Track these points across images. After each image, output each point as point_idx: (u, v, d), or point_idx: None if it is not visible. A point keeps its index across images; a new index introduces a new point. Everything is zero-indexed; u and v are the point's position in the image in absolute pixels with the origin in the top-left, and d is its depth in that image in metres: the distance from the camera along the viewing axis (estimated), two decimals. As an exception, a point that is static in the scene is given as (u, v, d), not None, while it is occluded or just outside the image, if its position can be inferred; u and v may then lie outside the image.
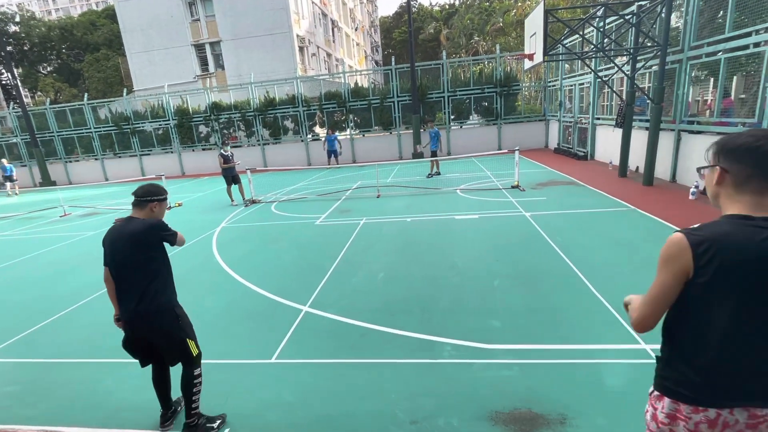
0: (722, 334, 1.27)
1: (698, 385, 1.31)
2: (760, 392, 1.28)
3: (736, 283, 1.22)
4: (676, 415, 1.35)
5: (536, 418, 2.64)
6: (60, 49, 38.21)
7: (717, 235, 1.24)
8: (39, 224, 11.05)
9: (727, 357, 1.28)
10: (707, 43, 8.24)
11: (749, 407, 1.28)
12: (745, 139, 1.25)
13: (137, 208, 2.62)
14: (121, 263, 2.54)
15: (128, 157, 21.73)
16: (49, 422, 3.05)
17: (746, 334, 1.25)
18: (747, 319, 1.24)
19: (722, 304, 1.25)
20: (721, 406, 1.29)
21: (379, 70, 26.20)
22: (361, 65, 45.37)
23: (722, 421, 1.29)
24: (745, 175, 1.25)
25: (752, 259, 1.21)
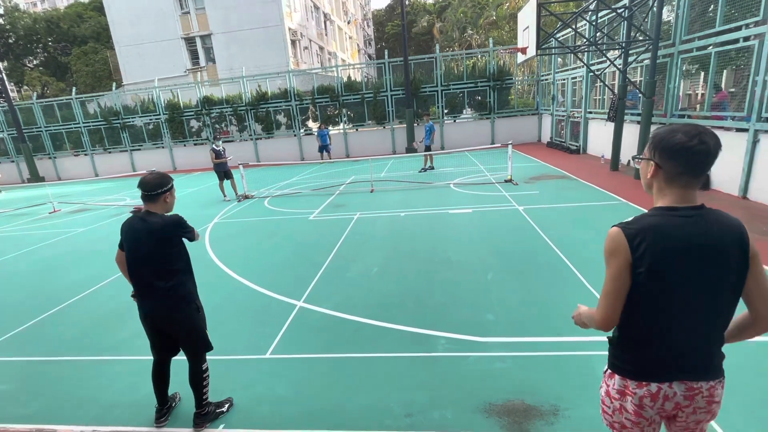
0: (659, 316, 1.40)
1: (641, 362, 1.45)
2: (694, 367, 1.44)
3: (669, 270, 1.34)
4: (624, 391, 1.48)
5: (529, 410, 2.68)
6: (46, 42, 37.41)
7: (648, 227, 1.35)
8: (28, 221, 10.89)
9: (664, 336, 1.41)
10: (698, 37, 8.29)
11: (686, 381, 1.43)
12: (679, 138, 1.32)
13: (150, 202, 2.61)
14: (143, 258, 2.58)
15: (118, 152, 21.44)
16: (43, 420, 3.03)
17: (679, 315, 1.38)
18: (679, 301, 1.37)
19: (658, 289, 1.36)
20: (660, 381, 1.43)
21: (372, 63, 26.08)
22: (354, 59, 45.07)
23: (662, 394, 1.43)
24: (676, 171, 1.35)
25: (681, 246, 1.33)
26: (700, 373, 1.44)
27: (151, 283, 2.59)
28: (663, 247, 1.33)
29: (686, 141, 1.30)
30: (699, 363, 1.44)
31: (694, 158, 1.31)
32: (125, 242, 2.67)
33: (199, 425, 2.76)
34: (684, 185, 1.36)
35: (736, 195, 7.30)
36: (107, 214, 10.84)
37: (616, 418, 1.54)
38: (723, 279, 1.35)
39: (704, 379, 1.44)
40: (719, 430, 2.39)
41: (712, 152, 1.32)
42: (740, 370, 2.88)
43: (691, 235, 1.32)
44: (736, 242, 1.34)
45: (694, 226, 1.33)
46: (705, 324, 1.40)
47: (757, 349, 3.10)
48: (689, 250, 1.32)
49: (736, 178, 7.30)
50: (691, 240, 1.32)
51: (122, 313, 4.73)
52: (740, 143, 7.19)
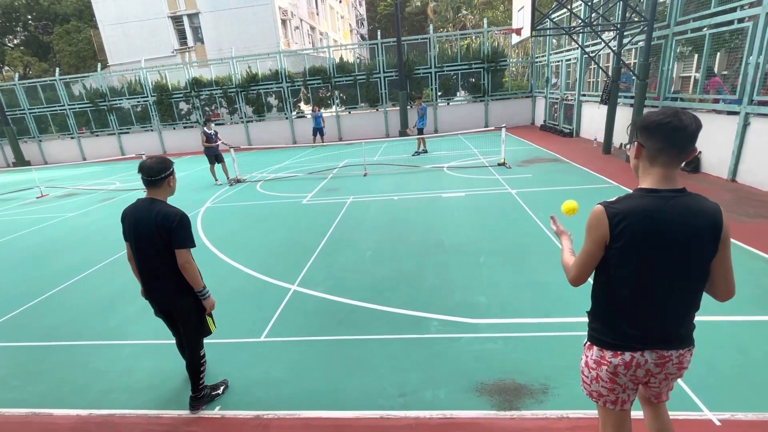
0: (633, 290, 1.52)
1: (617, 334, 1.58)
2: (665, 338, 1.56)
3: (644, 248, 1.45)
4: (601, 360, 1.62)
5: (520, 389, 2.74)
6: (26, 19, 36.06)
7: (629, 208, 1.47)
8: (15, 206, 10.70)
9: (637, 309, 1.54)
10: (693, 18, 8.23)
11: (657, 350, 1.56)
12: (656, 117, 1.42)
13: (153, 187, 2.55)
14: (146, 247, 2.55)
15: (106, 135, 21.00)
16: (38, 405, 3.04)
17: (651, 289, 1.50)
18: (653, 278, 1.49)
19: (633, 265, 1.49)
20: (633, 350, 1.56)
21: (364, 44, 25.57)
22: (346, 39, 44.17)
23: (635, 362, 1.57)
24: (656, 149, 1.44)
25: (658, 228, 1.44)
26: (670, 342, 1.56)
27: (153, 271, 2.60)
28: (642, 228, 1.44)
29: (663, 119, 1.41)
30: (670, 334, 1.56)
31: (672, 134, 1.40)
32: (127, 228, 2.62)
33: (195, 408, 2.80)
34: (665, 164, 1.45)
35: (725, 178, 7.39)
36: (96, 198, 10.68)
37: (594, 387, 1.68)
38: (694, 259, 1.46)
39: (675, 348, 1.56)
40: (701, 406, 2.47)
41: (689, 128, 1.39)
42: (721, 348, 2.97)
43: (668, 218, 1.43)
44: (709, 227, 1.43)
45: (672, 208, 1.43)
46: (676, 300, 1.51)
47: (737, 327, 3.19)
48: (665, 232, 1.43)
49: (726, 161, 7.38)
50: (668, 222, 1.42)
51: (114, 298, 4.72)
52: (731, 126, 7.24)
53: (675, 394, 2.58)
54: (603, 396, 1.66)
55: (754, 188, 6.75)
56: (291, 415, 2.70)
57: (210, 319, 2.79)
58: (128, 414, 2.86)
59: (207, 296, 2.68)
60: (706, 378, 2.69)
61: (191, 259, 2.57)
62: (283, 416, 2.70)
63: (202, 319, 2.73)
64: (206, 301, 2.68)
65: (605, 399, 1.67)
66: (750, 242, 4.66)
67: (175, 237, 2.48)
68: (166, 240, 2.49)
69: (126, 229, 2.64)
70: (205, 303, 2.69)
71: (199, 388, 2.80)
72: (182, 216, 2.52)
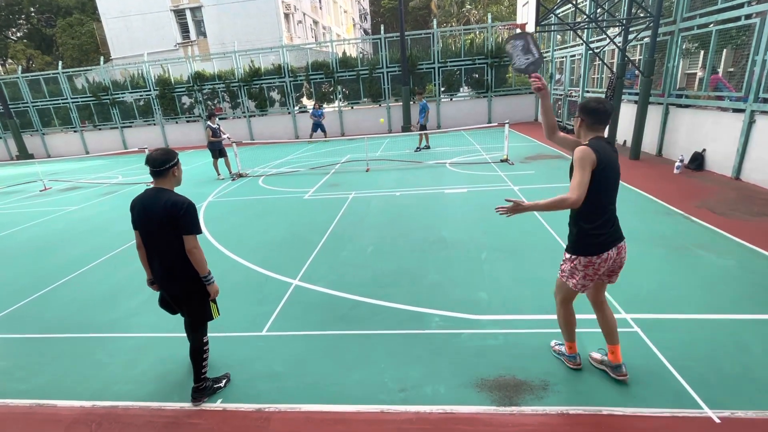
0: (605, 206, 2.39)
1: (600, 242, 2.39)
2: (619, 234, 2.48)
3: (609, 170, 2.32)
4: (589, 264, 2.43)
5: (520, 385, 2.75)
6: (29, 12, 36.00)
7: (600, 147, 2.33)
8: (18, 199, 10.75)
9: (609, 219, 2.41)
10: (699, 14, 8.15)
11: (618, 244, 2.45)
12: (594, 104, 2.39)
13: (160, 177, 2.65)
14: (156, 234, 2.63)
15: (109, 129, 21.01)
16: (42, 396, 3.07)
17: (613, 199, 2.43)
18: (612, 190, 2.41)
19: (605, 182, 2.32)
20: (609, 249, 2.40)
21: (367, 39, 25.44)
22: (349, 34, 43.95)
23: (606, 257, 2.41)
24: (591, 121, 2.42)
25: (610, 158, 2.34)
26: (620, 236, 2.46)
27: (161, 257, 2.67)
28: (606, 158, 2.32)
29: (596, 105, 2.39)
30: (619, 229, 2.48)
31: (601, 114, 2.39)
32: (137, 217, 2.69)
33: (197, 399, 2.83)
34: (596, 129, 2.43)
35: (729, 176, 7.35)
36: (99, 192, 10.72)
37: (579, 281, 2.49)
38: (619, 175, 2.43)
39: (622, 239, 2.48)
40: (701, 404, 2.48)
41: (610, 112, 2.40)
42: (721, 346, 2.97)
43: (613, 155, 2.39)
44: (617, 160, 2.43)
45: (613, 151, 2.41)
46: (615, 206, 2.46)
47: (738, 325, 3.18)
48: (612, 160, 2.36)
49: (730, 158, 7.33)
50: (613, 157, 2.38)
51: (117, 291, 4.75)
52: (736, 124, 7.19)
53: (675, 392, 2.59)
54: (584, 285, 2.51)
55: (759, 186, 6.71)
56: (292, 409, 2.72)
57: (214, 305, 2.84)
58: (131, 406, 2.89)
59: (211, 282, 2.74)
60: (707, 376, 2.69)
61: (198, 245, 2.65)
62: (284, 409, 2.72)
63: (206, 304, 2.79)
64: (210, 287, 2.74)
65: (583, 286, 2.51)
66: (753, 241, 4.64)
67: (183, 223, 2.57)
68: (175, 227, 2.57)
69: (135, 217, 2.70)
70: (210, 288, 2.74)
71: (201, 378, 2.84)
72: (189, 204, 2.61)
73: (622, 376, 2.64)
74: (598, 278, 2.49)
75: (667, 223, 5.38)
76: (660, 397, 2.55)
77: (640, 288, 3.83)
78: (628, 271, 4.15)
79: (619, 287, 3.85)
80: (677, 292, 3.73)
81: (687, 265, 4.24)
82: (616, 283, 3.60)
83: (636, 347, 3.02)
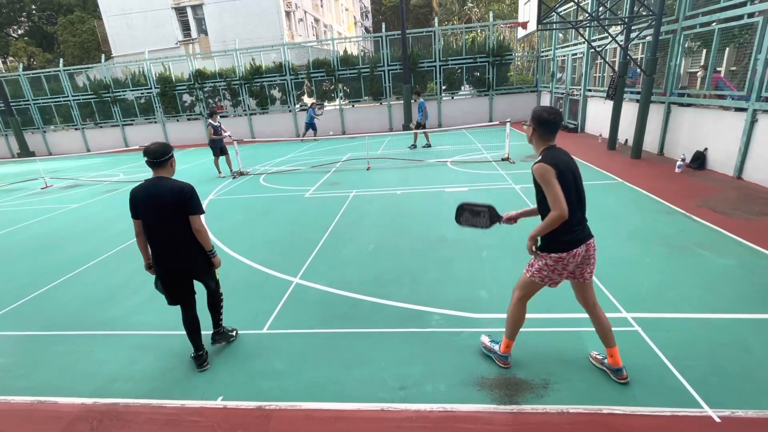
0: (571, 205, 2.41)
1: (571, 239, 2.50)
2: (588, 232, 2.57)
3: (568, 178, 2.44)
4: (559, 260, 2.52)
5: (520, 383, 2.75)
6: (30, 9, 35.97)
7: (555, 157, 2.45)
8: (19, 196, 10.77)
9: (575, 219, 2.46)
10: (702, 13, 8.12)
11: (587, 241, 2.54)
12: (546, 116, 2.49)
13: (159, 168, 2.90)
14: (168, 218, 2.86)
15: (110, 126, 21.01)
16: (43, 393, 3.08)
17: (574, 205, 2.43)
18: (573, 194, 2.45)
19: (565, 191, 2.39)
20: (579, 246, 2.51)
21: (368, 37, 25.37)
22: (350, 32, 43.87)
23: (575, 253, 2.50)
24: (543, 131, 2.52)
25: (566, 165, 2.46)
26: (589, 234, 2.57)
27: (172, 236, 2.89)
28: (562, 166, 2.42)
29: (547, 116, 2.49)
30: (585, 228, 2.56)
31: (552, 125, 2.51)
32: (142, 205, 2.87)
33: (217, 342, 3.38)
34: (548, 138, 2.53)
35: (731, 175, 7.33)
36: (100, 190, 10.73)
37: (548, 276, 2.59)
38: (578, 179, 2.52)
39: (591, 236, 2.58)
40: (702, 403, 2.47)
41: (560, 122, 2.54)
42: (722, 345, 2.97)
43: (566, 159, 2.49)
44: (574, 162, 2.54)
45: (563, 154, 2.52)
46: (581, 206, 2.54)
47: (740, 324, 3.18)
48: (567, 166, 2.46)
49: (732, 157, 7.31)
50: (569, 162, 2.49)
51: (117, 289, 4.76)
52: (738, 123, 7.16)
53: (675, 391, 2.59)
54: (553, 280, 2.60)
55: (760, 186, 6.69)
56: (293, 406, 2.73)
57: (216, 272, 3.25)
58: (132, 403, 2.89)
59: (215, 255, 3.10)
60: (707, 375, 2.69)
61: (203, 224, 2.97)
62: (284, 407, 2.73)
63: (213, 271, 3.20)
64: (215, 259, 3.10)
65: (552, 281, 2.61)
66: (754, 240, 4.63)
67: (190, 205, 2.87)
68: (183, 209, 2.85)
69: (139, 206, 2.89)
70: (214, 260, 3.11)
71: (219, 323, 3.36)
72: (192, 187, 2.93)
73: (623, 380, 2.67)
74: (568, 274, 2.58)
75: (669, 222, 5.37)
76: (660, 396, 2.55)
77: (640, 287, 3.83)
78: (628, 271, 4.16)
79: (620, 286, 3.86)
80: (678, 292, 3.72)
81: (688, 264, 4.23)
82: (617, 282, 3.55)
83: (636, 346, 3.02)
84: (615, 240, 4.94)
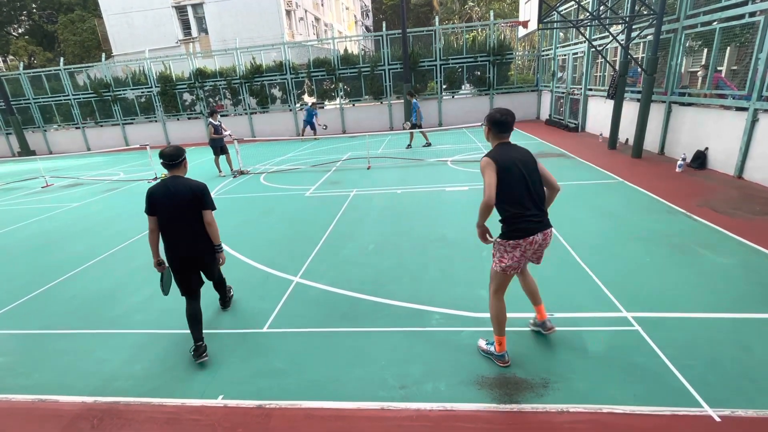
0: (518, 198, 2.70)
1: (524, 227, 2.71)
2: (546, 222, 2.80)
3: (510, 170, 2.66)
4: (517, 246, 2.74)
5: (520, 383, 2.76)
6: (31, 8, 35.96)
7: (499, 153, 2.72)
8: (20, 195, 10.77)
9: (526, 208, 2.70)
10: (703, 12, 8.10)
11: (544, 230, 2.77)
12: (498, 116, 2.75)
13: (175, 168, 3.26)
14: (187, 213, 3.20)
15: (110, 125, 21.01)
16: (44, 392, 3.09)
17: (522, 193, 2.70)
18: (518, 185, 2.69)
19: (507, 181, 2.66)
20: (534, 234, 2.73)
21: (369, 36, 25.35)
22: (350, 31, 43.83)
23: (531, 240, 2.73)
24: (496, 130, 2.79)
25: (510, 160, 2.69)
26: (547, 224, 2.79)
27: (186, 229, 3.20)
28: (506, 160, 2.68)
29: (500, 117, 2.75)
30: (542, 218, 2.78)
31: (504, 125, 2.76)
32: (160, 202, 3.15)
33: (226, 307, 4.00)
34: (501, 136, 2.80)
35: (732, 174, 7.32)
36: (101, 189, 10.73)
37: (509, 264, 2.79)
38: (532, 173, 2.74)
39: (548, 227, 2.81)
40: (702, 402, 2.47)
41: (512, 122, 2.77)
42: (723, 345, 2.96)
43: (514, 155, 2.73)
44: (530, 156, 2.81)
45: (513, 150, 2.77)
46: (535, 198, 2.73)
47: (741, 324, 3.18)
48: (514, 161, 2.69)
49: (733, 157, 7.30)
50: (514, 157, 2.71)
51: (118, 288, 4.76)
52: (739, 122, 7.15)
53: (675, 390, 2.59)
54: (513, 268, 2.80)
55: (761, 185, 6.68)
56: (293, 405, 2.73)
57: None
58: (132, 402, 2.90)
59: (221, 250, 3.41)
60: (707, 374, 2.69)
61: (214, 219, 3.32)
62: (285, 406, 2.73)
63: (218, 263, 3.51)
64: (220, 254, 3.41)
65: (513, 270, 2.80)
66: (755, 239, 4.62)
67: (205, 201, 3.23)
68: (198, 204, 3.20)
69: (157, 203, 3.16)
70: (219, 256, 3.41)
71: (227, 299, 4.01)
72: (206, 186, 3.31)
73: (549, 330, 3.11)
74: (527, 259, 2.84)
75: (669, 222, 5.36)
76: (660, 395, 2.55)
77: (641, 287, 3.83)
78: (629, 270, 4.16)
79: (620, 286, 3.85)
80: (678, 291, 3.72)
81: (688, 263, 4.23)
82: (617, 281, 3.55)
83: (637, 346, 3.02)
84: (615, 239, 4.94)
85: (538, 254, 2.86)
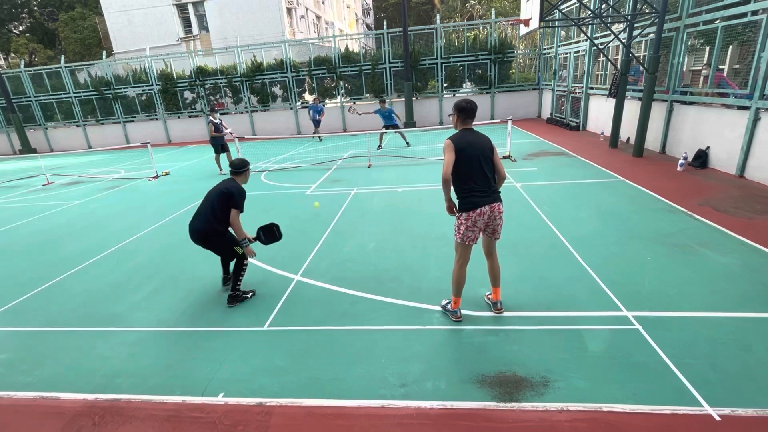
0: (470, 175, 3.16)
1: (473, 201, 3.17)
2: (490, 197, 3.20)
3: (466, 153, 3.14)
4: (469, 217, 3.19)
5: (520, 381, 2.76)
6: (31, 6, 35.95)
7: (460, 137, 3.19)
8: (21, 193, 10.79)
9: (474, 184, 3.18)
10: (705, 11, 8.07)
11: (491, 203, 3.20)
12: (463, 104, 3.22)
13: (236, 175, 4.09)
14: (209, 198, 4.02)
15: (111, 123, 21.01)
16: (45, 389, 3.10)
17: (475, 173, 3.17)
18: (473, 167, 3.16)
19: (463, 162, 3.14)
20: (482, 206, 3.17)
21: (370, 34, 25.32)
22: (351, 29, 43.74)
23: (480, 212, 3.18)
24: (464, 117, 3.25)
25: (468, 143, 3.15)
26: (494, 199, 3.22)
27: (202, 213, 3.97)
28: (464, 143, 3.14)
29: (465, 105, 3.22)
30: (491, 194, 3.21)
31: (468, 111, 3.23)
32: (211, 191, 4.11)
33: (231, 304, 4.02)
34: (465, 123, 3.26)
35: (733, 173, 7.30)
36: (101, 186, 10.74)
37: (465, 234, 3.23)
38: (486, 157, 3.19)
39: (496, 201, 3.24)
40: (702, 401, 2.48)
41: (474, 109, 3.24)
42: (723, 344, 2.96)
43: (472, 139, 3.19)
44: (488, 142, 3.24)
45: (472, 135, 3.22)
46: (486, 177, 3.19)
47: (741, 323, 3.18)
48: (471, 144, 3.15)
49: (734, 156, 7.28)
50: (471, 141, 3.17)
51: (119, 285, 4.77)
52: (740, 121, 7.13)
53: (676, 389, 2.59)
54: (468, 237, 3.24)
55: (763, 184, 6.67)
56: (293, 403, 2.74)
57: (238, 248, 4.02)
58: (134, 399, 2.91)
59: (246, 244, 4.01)
60: (708, 374, 2.69)
61: (237, 217, 3.98)
62: (285, 404, 2.74)
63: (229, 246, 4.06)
64: (246, 249, 4.01)
65: (469, 238, 3.24)
66: (756, 239, 4.62)
67: (233, 201, 3.91)
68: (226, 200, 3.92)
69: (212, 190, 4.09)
70: (246, 250, 4.02)
71: (236, 286, 4.04)
72: (242, 191, 3.99)
73: (499, 311, 3.52)
74: (480, 230, 3.27)
75: (670, 221, 5.36)
76: (660, 394, 2.55)
77: (641, 285, 3.83)
78: (629, 269, 4.16)
79: (621, 285, 3.85)
80: (679, 290, 3.72)
81: (689, 262, 4.22)
82: (618, 280, 3.55)
83: (637, 345, 3.02)
84: (616, 238, 4.94)
85: (491, 227, 3.28)
